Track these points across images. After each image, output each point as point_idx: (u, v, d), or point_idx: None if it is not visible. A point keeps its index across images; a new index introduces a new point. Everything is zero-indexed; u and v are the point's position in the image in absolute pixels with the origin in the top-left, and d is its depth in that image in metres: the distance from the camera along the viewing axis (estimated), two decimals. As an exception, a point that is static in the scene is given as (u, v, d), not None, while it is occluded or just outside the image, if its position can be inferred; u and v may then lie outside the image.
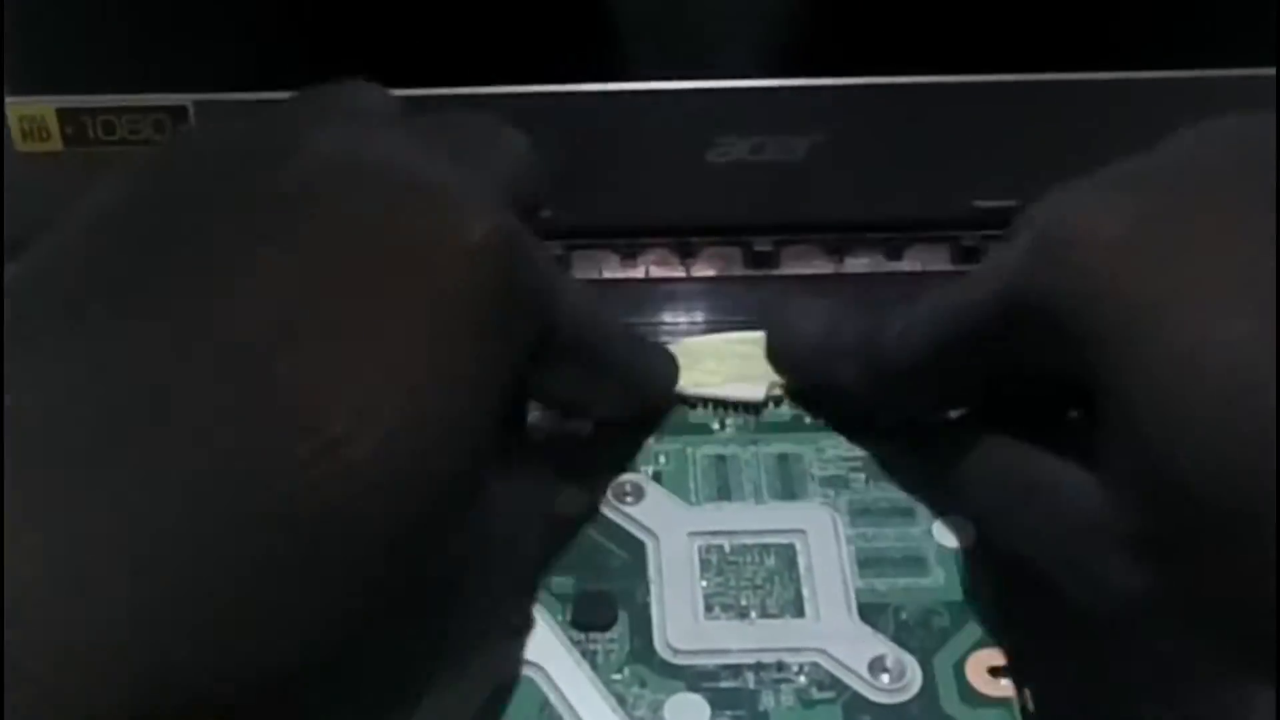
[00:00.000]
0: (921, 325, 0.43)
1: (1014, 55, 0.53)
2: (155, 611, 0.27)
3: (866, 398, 0.46)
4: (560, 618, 0.43)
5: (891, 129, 0.54)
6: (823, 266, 0.58)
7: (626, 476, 0.47)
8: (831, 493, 0.47)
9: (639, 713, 0.41)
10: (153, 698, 0.27)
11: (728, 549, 0.45)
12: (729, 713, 0.41)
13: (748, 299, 0.56)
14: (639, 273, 0.57)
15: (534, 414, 0.46)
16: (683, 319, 0.55)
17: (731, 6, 0.53)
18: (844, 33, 0.53)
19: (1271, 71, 0.51)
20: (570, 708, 0.41)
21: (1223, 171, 0.37)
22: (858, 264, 0.58)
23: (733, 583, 0.45)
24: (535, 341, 0.37)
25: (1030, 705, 0.41)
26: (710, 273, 0.58)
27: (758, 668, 0.42)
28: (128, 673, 0.27)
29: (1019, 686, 0.42)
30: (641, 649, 0.43)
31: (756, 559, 0.45)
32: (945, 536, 0.46)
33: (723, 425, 0.50)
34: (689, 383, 0.50)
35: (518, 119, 0.52)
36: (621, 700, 0.41)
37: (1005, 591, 0.43)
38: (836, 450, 0.48)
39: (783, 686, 0.42)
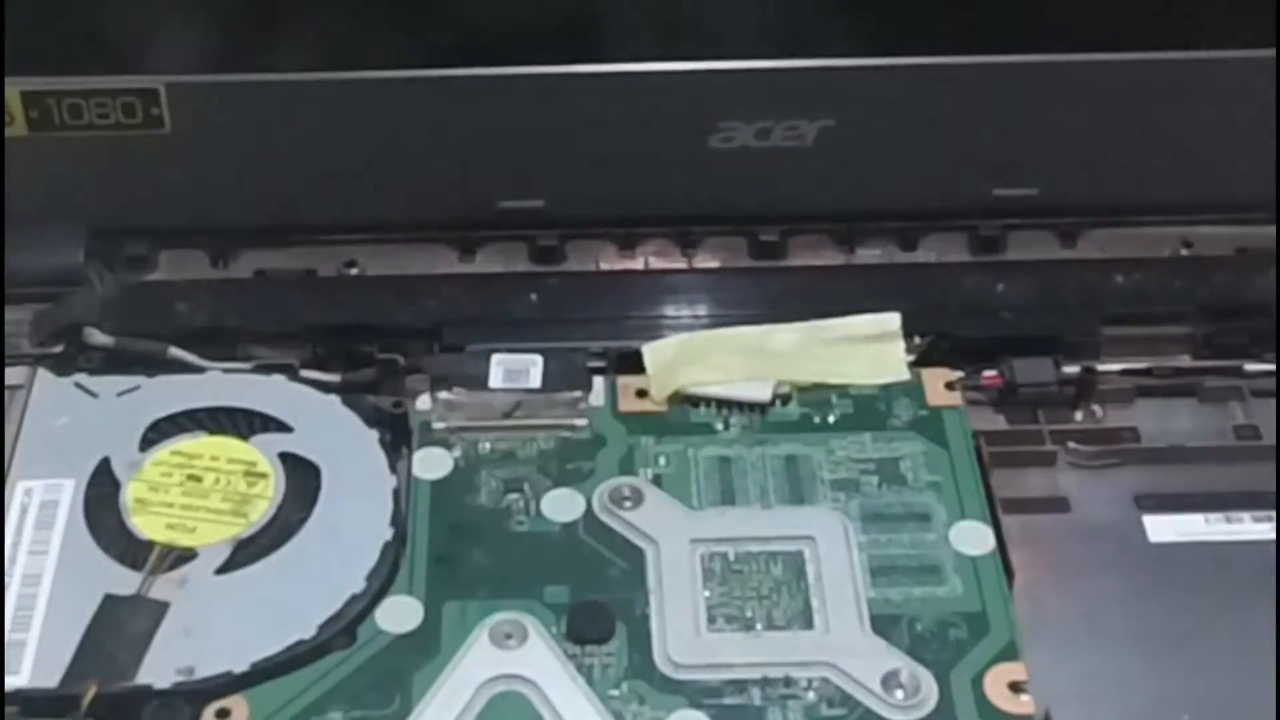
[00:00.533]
0: None
1: (1037, 35, 0.51)
2: None
3: None
4: (554, 630, 0.42)
5: (905, 112, 0.53)
6: (832, 257, 0.56)
7: (624, 479, 0.46)
8: (842, 497, 0.46)
9: (638, 731, 0.40)
10: None
11: (732, 557, 0.44)
12: (733, 731, 0.40)
13: (753, 292, 0.55)
14: (638, 264, 0.56)
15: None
16: (684, 313, 0.54)
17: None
18: (854, 10, 0.52)
19: (1271, 53, 0.50)
20: (564, 726, 0.40)
21: None
22: (869, 255, 0.57)
23: (737, 592, 0.44)
24: None
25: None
26: (713, 264, 0.56)
27: (764, 683, 0.41)
28: None
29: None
30: (640, 663, 0.42)
31: (762, 567, 0.44)
32: (963, 543, 0.45)
33: (727, 425, 0.49)
34: (691, 381, 0.49)
35: (508, 102, 0.52)
36: (619, 717, 0.40)
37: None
38: (847, 452, 0.48)
39: (790, 703, 0.41)
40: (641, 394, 0.49)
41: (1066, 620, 0.43)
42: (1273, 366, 0.51)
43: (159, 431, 0.47)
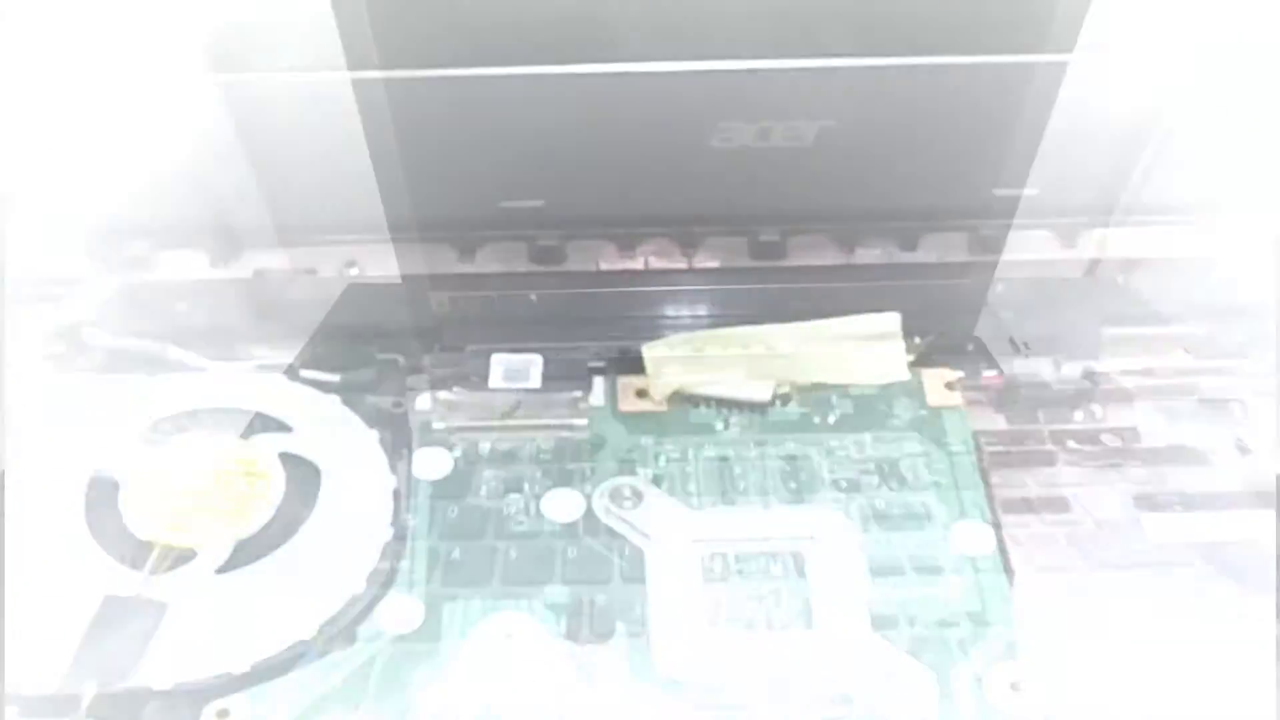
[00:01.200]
0: None
1: (1037, 35, 0.51)
2: None
3: None
4: (554, 630, 0.42)
5: (905, 112, 0.53)
6: (832, 258, 0.56)
7: (624, 479, 0.46)
8: (843, 496, 0.46)
9: (637, 732, 0.40)
10: None
11: (732, 557, 0.44)
12: (733, 732, 0.40)
13: (753, 292, 0.55)
14: (638, 264, 0.56)
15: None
16: (684, 313, 0.54)
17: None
18: (854, 11, 0.52)
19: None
20: (564, 727, 0.40)
21: None
22: (869, 255, 0.56)
23: (737, 592, 0.43)
24: None
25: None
26: (713, 264, 0.56)
27: (764, 683, 0.41)
28: None
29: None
30: (640, 663, 0.42)
31: (763, 567, 0.44)
32: (963, 543, 0.45)
33: (727, 425, 0.49)
34: (691, 381, 0.49)
35: (508, 102, 0.52)
36: (619, 717, 0.40)
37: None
38: (847, 452, 0.47)
39: (790, 703, 0.41)
40: (641, 394, 0.49)
41: (1066, 620, 0.43)
42: (1273, 367, 0.51)
43: (159, 431, 0.47)
